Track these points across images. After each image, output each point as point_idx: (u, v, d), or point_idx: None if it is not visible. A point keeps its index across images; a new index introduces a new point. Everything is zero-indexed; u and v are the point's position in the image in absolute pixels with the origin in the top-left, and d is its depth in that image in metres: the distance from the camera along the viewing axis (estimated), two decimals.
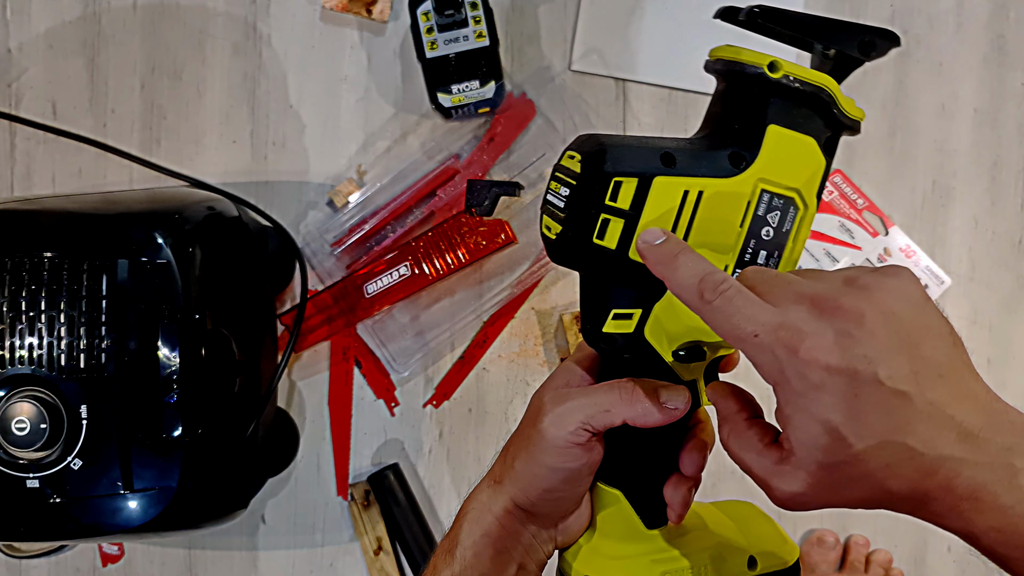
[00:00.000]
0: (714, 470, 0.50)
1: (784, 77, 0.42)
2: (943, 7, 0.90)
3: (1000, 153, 0.90)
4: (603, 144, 0.41)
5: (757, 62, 0.42)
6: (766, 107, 0.42)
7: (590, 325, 0.44)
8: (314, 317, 0.86)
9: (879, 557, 0.88)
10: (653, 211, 0.41)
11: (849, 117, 0.44)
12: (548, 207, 0.43)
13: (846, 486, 0.35)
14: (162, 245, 0.69)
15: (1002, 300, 0.90)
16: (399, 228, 0.87)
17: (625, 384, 0.43)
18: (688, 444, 0.46)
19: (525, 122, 0.87)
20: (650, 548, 0.46)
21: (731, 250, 0.43)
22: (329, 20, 0.89)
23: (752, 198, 0.42)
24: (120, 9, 0.88)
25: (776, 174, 0.43)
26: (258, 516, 0.89)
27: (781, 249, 0.44)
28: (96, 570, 0.89)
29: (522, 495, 0.45)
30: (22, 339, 0.67)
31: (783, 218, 0.43)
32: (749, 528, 0.49)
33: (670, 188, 0.41)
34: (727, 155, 0.42)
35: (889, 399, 0.33)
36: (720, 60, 0.44)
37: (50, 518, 0.68)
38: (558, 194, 0.42)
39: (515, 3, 0.89)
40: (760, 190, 0.42)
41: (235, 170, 0.89)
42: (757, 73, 0.42)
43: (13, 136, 0.89)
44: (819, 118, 0.43)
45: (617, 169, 0.40)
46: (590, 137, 0.42)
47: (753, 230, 0.43)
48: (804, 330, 0.34)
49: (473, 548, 0.45)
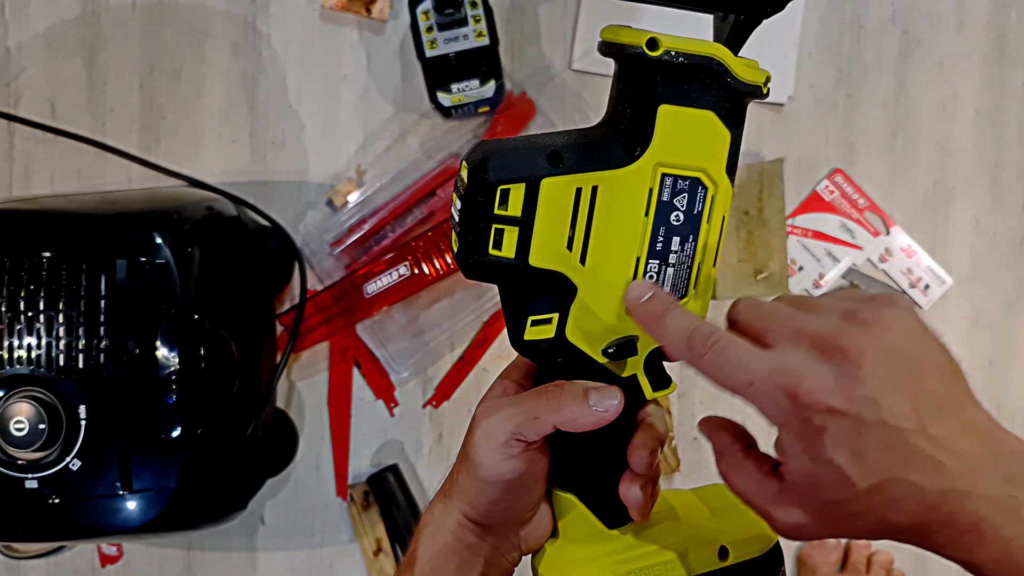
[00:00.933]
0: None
1: (665, 53, 0.39)
2: (944, 7, 0.90)
3: (1001, 153, 0.90)
4: (487, 152, 0.39)
5: (635, 42, 0.39)
6: (653, 87, 0.40)
7: (513, 334, 0.43)
8: (313, 317, 0.86)
9: (880, 558, 0.88)
10: (546, 214, 0.39)
11: (747, 83, 0.41)
12: (452, 221, 0.42)
13: (848, 520, 0.35)
14: (161, 245, 0.69)
15: (1003, 300, 0.90)
16: (399, 228, 0.86)
17: (552, 389, 0.42)
18: (634, 441, 0.44)
19: (525, 121, 0.87)
20: (613, 548, 0.45)
21: (639, 240, 0.41)
22: (328, 19, 0.88)
23: (653, 184, 0.40)
24: (119, 8, 0.88)
25: (675, 156, 0.40)
26: (257, 517, 0.89)
27: (696, 232, 0.42)
28: (95, 571, 0.89)
29: (470, 509, 0.44)
30: (21, 339, 0.67)
31: (692, 200, 0.41)
32: (725, 516, 0.48)
33: (560, 188, 0.39)
34: (620, 143, 0.40)
35: (892, 437, 0.34)
36: (603, 43, 0.42)
37: (49, 519, 0.67)
38: (456, 206, 0.41)
39: (515, 2, 0.88)
40: (660, 175, 0.40)
41: (234, 170, 0.88)
42: (637, 53, 0.39)
43: (12, 136, 0.88)
44: (714, 90, 0.40)
45: (501, 177, 0.39)
46: (479, 145, 0.40)
47: (660, 218, 0.41)
48: (803, 372, 0.34)
49: (431, 563, 0.44)
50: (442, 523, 0.45)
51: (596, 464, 0.45)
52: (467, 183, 0.40)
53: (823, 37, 0.90)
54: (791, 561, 0.90)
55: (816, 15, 0.89)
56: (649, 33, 0.40)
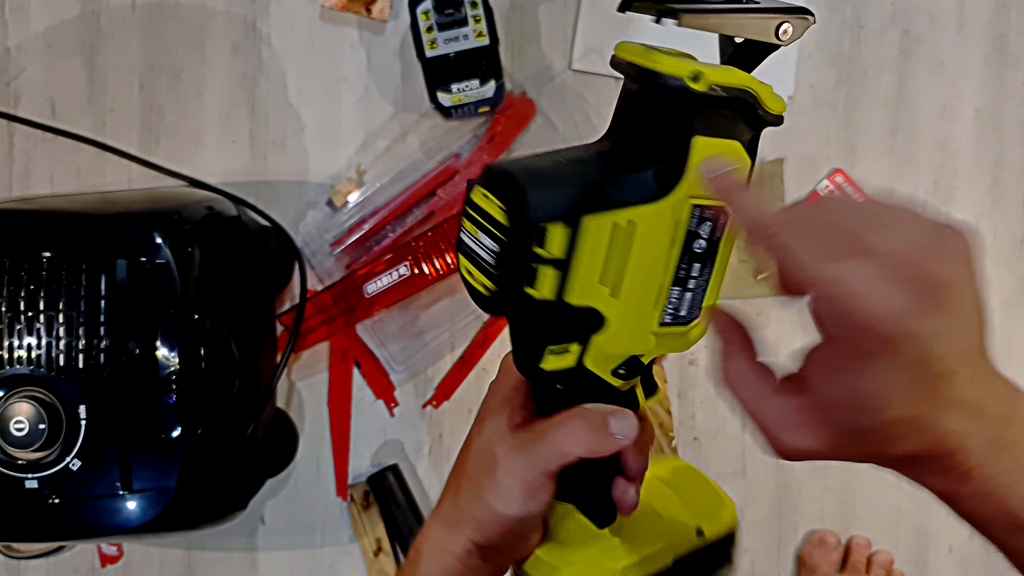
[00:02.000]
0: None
1: (710, 88, 0.38)
2: (945, 6, 0.90)
3: (1001, 153, 0.90)
4: (523, 186, 0.37)
5: (678, 73, 0.38)
6: (691, 120, 0.39)
7: (524, 362, 0.42)
8: (313, 317, 0.86)
9: (880, 558, 0.88)
10: (585, 252, 0.38)
11: (772, 114, 0.41)
12: (468, 252, 0.40)
13: (859, 446, 0.35)
14: (161, 245, 0.69)
15: (1004, 300, 0.90)
16: (399, 228, 0.86)
17: (575, 422, 0.42)
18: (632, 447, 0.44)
19: (525, 121, 0.87)
20: (604, 547, 0.46)
21: (665, 270, 0.41)
22: (329, 19, 0.88)
23: (683, 216, 0.40)
24: (119, 8, 0.88)
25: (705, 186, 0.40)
26: (257, 517, 0.89)
27: (714, 257, 0.42)
28: (95, 571, 0.89)
29: (482, 538, 0.43)
30: (20, 339, 0.67)
31: (714, 228, 0.41)
32: (689, 494, 0.48)
33: (599, 225, 0.38)
34: (651, 174, 0.39)
35: (938, 377, 0.33)
36: (632, 65, 0.40)
37: (49, 519, 0.67)
38: (478, 240, 0.39)
39: (515, 2, 0.88)
40: (691, 206, 0.40)
41: (234, 170, 0.88)
42: (678, 86, 0.38)
43: (12, 135, 0.88)
44: (744, 120, 0.40)
45: (542, 216, 0.37)
46: (505, 176, 0.38)
47: (686, 247, 0.41)
48: (870, 292, 0.32)
49: None
50: (446, 550, 0.44)
51: (592, 472, 0.45)
52: (508, 224, 0.37)
53: (823, 37, 0.90)
54: (791, 560, 0.90)
55: (816, 15, 0.89)
56: (692, 65, 0.39)
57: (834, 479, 0.90)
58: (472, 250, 0.40)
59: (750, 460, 0.89)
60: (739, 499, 0.89)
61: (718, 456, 0.89)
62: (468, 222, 0.40)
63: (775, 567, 0.90)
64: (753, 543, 0.90)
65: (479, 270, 0.39)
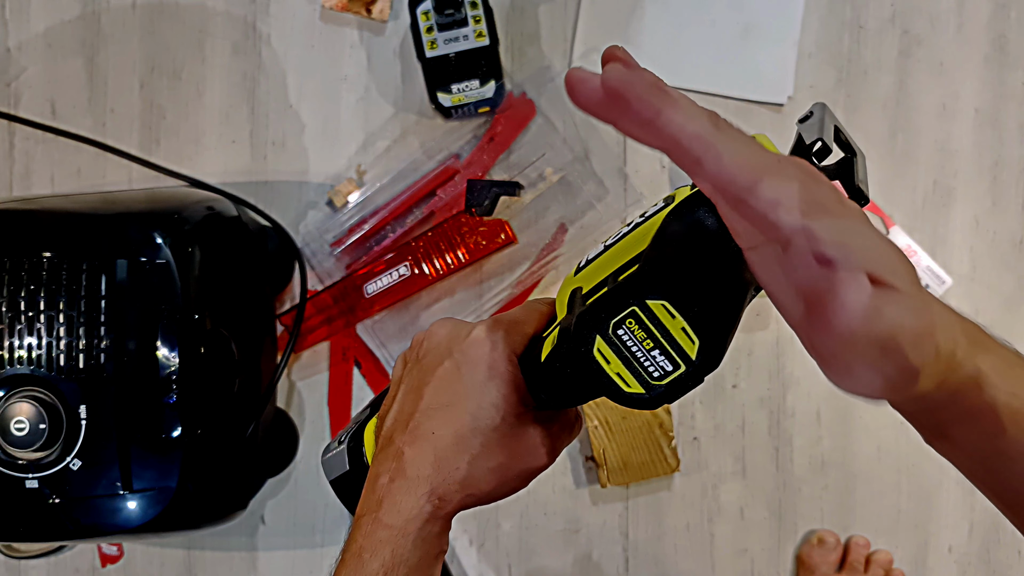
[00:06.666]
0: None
1: None
2: (944, 7, 0.90)
3: (1001, 153, 0.90)
4: (726, 331, 0.38)
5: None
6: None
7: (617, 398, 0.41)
8: (314, 317, 0.86)
9: (880, 557, 0.88)
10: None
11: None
12: (626, 355, 0.39)
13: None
14: (161, 245, 0.69)
15: (1003, 300, 0.90)
16: (399, 228, 0.86)
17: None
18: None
19: (525, 122, 0.87)
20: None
21: None
22: (329, 20, 0.89)
23: None
24: (119, 8, 0.88)
25: None
26: (258, 517, 0.89)
27: None
28: (95, 570, 0.89)
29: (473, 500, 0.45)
30: (21, 339, 0.67)
31: None
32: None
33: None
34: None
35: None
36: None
37: (49, 518, 0.68)
38: (648, 355, 0.39)
39: (515, 2, 0.88)
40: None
41: (235, 170, 0.88)
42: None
43: (12, 135, 0.88)
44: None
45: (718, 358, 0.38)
46: (706, 315, 0.38)
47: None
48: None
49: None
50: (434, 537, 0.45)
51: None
52: (695, 355, 0.38)
53: (823, 37, 0.90)
54: (790, 560, 0.90)
55: (816, 15, 0.89)
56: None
57: (834, 479, 0.90)
58: (634, 356, 0.39)
59: (750, 460, 0.89)
60: (739, 499, 0.90)
61: (718, 456, 0.89)
62: (638, 327, 0.38)
63: (775, 567, 0.90)
64: (753, 543, 0.90)
65: (635, 377, 0.39)
